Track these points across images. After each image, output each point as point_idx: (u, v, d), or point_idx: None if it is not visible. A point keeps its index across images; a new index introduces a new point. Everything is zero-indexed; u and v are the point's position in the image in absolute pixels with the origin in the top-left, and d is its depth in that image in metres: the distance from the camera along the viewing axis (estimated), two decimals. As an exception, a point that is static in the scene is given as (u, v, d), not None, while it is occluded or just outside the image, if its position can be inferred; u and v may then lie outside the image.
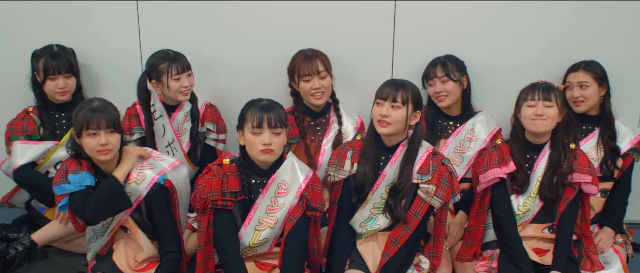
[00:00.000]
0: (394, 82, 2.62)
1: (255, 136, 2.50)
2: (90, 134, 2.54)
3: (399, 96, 2.56)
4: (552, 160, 2.73)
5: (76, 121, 2.57)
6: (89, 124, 2.53)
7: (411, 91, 2.59)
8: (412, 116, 2.60)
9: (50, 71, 3.14)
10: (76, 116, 2.58)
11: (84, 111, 2.56)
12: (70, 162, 2.63)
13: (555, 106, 2.68)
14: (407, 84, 2.61)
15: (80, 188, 2.59)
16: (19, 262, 3.06)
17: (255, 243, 2.61)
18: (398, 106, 2.56)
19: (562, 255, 2.72)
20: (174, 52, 3.08)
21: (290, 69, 3.09)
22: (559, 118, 2.70)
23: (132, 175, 2.65)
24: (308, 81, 3.02)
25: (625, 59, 3.19)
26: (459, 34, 3.22)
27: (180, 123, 3.19)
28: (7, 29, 3.39)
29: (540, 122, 2.69)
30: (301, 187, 2.59)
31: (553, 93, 2.69)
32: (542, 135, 2.75)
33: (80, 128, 2.55)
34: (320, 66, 3.02)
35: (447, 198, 2.62)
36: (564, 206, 2.73)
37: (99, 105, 2.59)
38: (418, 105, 2.61)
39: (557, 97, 2.69)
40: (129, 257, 2.72)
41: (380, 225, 2.70)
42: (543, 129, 2.71)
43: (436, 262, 2.74)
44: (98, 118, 2.54)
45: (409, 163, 2.62)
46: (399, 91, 2.57)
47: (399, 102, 2.56)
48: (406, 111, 2.57)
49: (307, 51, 3.08)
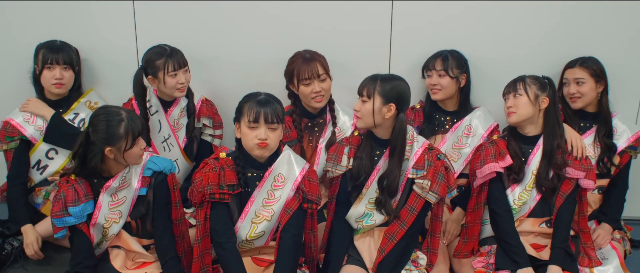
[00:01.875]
0: (370, 77, 2.63)
1: (251, 131, 2.50)
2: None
3: (364, 90, 2.60)
4: (545, 151, 2.74)
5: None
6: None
7: (381, 84, 2.58)
8: (382, 109, 2.58)
9: (48, 60, 3.12)
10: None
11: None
12: (66, 190, 2.55)
13: (525, 95, 2.70)
14: (379, 77, 2.60)
15: (82, 219, 2.57)
16: (15, 258, 3.05)
17: (252, 236, 2.60)
18: (364, 99, 2.60)
19: (559, 249, 2.72)
20: (170, 47, 3.07)
21: (288, 72, 3.05)
22: (535, 105, 2.70)
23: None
24: (308, 85, 2.99)
25: (623, 56, 3.20)
26: (456, 29, 3.22)
27: (176, 119, 3.18)
28: (6, 25, 3.37)
29: (511, 114, 2.74)
30: (297, 180, 2.59)
31: (522, 83, 2.72)
32: (525, 127, 2.76)
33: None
34: (320, 69, 2.99)
35: (442, 193, 2.61)
36: (562, 200, 2.74)
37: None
38: (390, 98, 2.57)
39: (527, 86, 2.71)
40: (126, 259, 2.70)
41: (376, 221, 2.70)
42: (514, 120, 2.74)
43: (433, 258, 2.75)
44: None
45: (395, 156, 2.61)
46: (366, 85, 2.60)
47: (365, 96, 2.59)
48: (372, 104, 2.57)
49: (305, 53, 3.04)
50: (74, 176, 2.58)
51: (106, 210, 2.62)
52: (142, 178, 2.63)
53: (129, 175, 2.62)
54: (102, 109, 2.57)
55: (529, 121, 2.75)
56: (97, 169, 2.56)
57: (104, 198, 2.61)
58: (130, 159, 2.56)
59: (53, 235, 3.07)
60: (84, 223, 2.58)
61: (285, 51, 3.10)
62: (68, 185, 2.57)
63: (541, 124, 2.76)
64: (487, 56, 3.24)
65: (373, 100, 2.58)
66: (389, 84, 2.58)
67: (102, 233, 2.65)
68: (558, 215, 2.75)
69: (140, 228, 2.71)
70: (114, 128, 2.48)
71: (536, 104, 2.70)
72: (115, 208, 2.63)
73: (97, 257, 2.68)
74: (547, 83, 2.74)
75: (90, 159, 2.52)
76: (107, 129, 2.48)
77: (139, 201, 2.65)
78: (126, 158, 2.54)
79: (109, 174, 2.61)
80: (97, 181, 2.61)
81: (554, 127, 2.74)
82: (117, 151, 2.51)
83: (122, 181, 2.61)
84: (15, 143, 3.16)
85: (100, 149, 2.50)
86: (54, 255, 3.13)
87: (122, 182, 2.61)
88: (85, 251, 2.61)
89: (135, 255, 2.71)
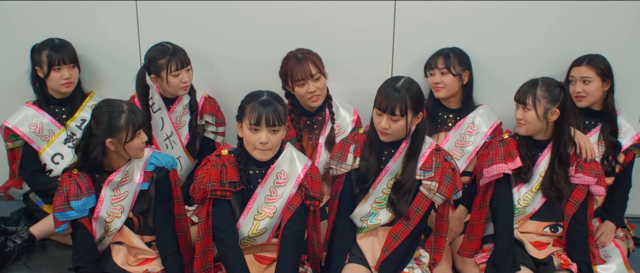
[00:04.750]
0: (392, 89, 2.52)
1: (252, 133, 2.49)
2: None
3: (397, 108, 2.50)
4: (552, 157, 2.72)
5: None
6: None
7: (410, 97, 2.51)
8: (412, 121, 2.58)
9: (55, 62, 3.12)
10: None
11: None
12: (68, 185, 2.55)
13: (534, 110, 2.65)
14: (403, 90, 2.52)
15: (84, 213, 2.57)
16: (17, 255, 3.04)
17: (254, 233, 2.60)
18: (397, 118, 2.53)
19: (582, 263, 2.71)
20: (173, 46, 3.07)
21: (283, 73, 3.03)
22: (544, 120, 2.66)
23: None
24: (302, 86, 2.97)
25: (628, 54, 3.18)
26: (460, 26, 3.21)
27: (178, 116, 3.18)
28: (6, 24, 3.37)
29: (520, 125, 2.72)
30: (300, 177, 2.58)
31: (532, 97, 2.64)
32: (535, 134, 2.73)
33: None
34: (312, 68, 2.96)
35: (449, 194, 2.61)
36: (574, 208, 2.71)
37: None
38: (418, 108, 2.56)
39: (536, 101, 2.64)
40: (128, 255, 2.70)
41: (381, 220, 2.69)
42: (523, 132, 2.72)
43: (438, 257, 2.74)
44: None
45: (412, 159, 2.61)
46: (396, 103, 2.49)
47: (398, 115, 2.52)
48: (406, 120, 2.54)
49: (297, 53, 3.01)
50: (76, 171, 2.59)
51: (108, 205, 2.62)
52: (145, 172, 2.64)
53: (131, 169, 2.63)
54: (104, 102, 2.59)
55: (539, 130, 2.72)
56: (98, 161, 2.56)
57: (107, 192, 2.61)
58: (131, 151, 2.56)
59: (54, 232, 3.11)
60: (85, 217, 2.58)
61: (288, 48, 3.08)
62: (70, 179, 2.57)
63: (551, 133, 2.73)
64: (491, 53, 3.22)
65: (406, 116, 2.53)
66: (414, 92, 2.55)
67: (104, 228, 2.65)
68: (573, 229, 2.72)
69: (142, 224, 2.71)
70: (115, 119, 2.50)
71: (545, 118, 2.66)
72: (117, 202, 2.63)
73: (99, 253, 2.68)
74: (559, 93, 2.65)
75: (92, 150, 2.54)
76: (108, 120, 2.50)
77: (141, 196, 2.66)
78: (127, 151, 2.55)
79: (111, 168, 2.62)
80: (99, 176, 2.62)
81: (564, 135, 2.69)
82: (118, 143, 2.52)
83: (124, 175, 2.61)
84: (20, 141, 3.18)
85: (102, 140, 2.51)
86: (57, 253, 3.13)
87: (124, 176, 2.61)
88: (87, 245, 2.61)
89: (138, 251, 2.71)
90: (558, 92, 2.65)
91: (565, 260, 2.70)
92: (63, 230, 2.59)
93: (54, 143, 3.20)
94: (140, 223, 2.71)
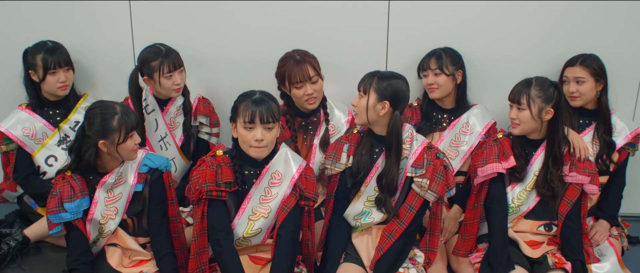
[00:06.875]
0: (370, 73, 2.64)
1: (247, 131, 2.49)
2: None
3: (362, 85, 2.62)
4: (546, 157, 2.73)
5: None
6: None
7: (376, 82, 2.58)
8: (376, 106, 2.57)
9: (51, 65, 3.10)
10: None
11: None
12: (62, 187, 2.55)
13: (528, 110, 2.65)
14: (376, 75, 2.60)
15: (78, 215, 2.57)
16: (12, 258, 3.04)
17: (249, 234, 2.60)
18: (361, 95, 2.62)
19: (577, 262, 2.71)
20: (166, 47, 3.06)
21: (280, 75, 3.02)
22: (538, 119, 2.67)
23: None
24: (300, 88, 2.97)
25: (621, 53, 3.19)
26: (454, 27, 3.21)
27: (172, 117, 3.18)
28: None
29: (515, 126, 2.72)
30: (294, 177, 2.58)
31: (526, 96, 2.65)
32: (529, 134, 2.74)
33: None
34: (311, 71, 2.96)
35: (441, 192, 2.61)
36: (568, 207, 2.72)
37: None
38: (384, 96, 2.56)
39: (531, 101, 2.64)
40: (123, 257, 2.70)
41: (374, 219, 2.69)
42: (518, 132, 2.72)
43: (432, 256, 2.74)
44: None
45: (392, 154, 2.60)
46: (364, 81, 2.62)
47: (361, 91, 2.61)
48: (367, 100, 2.58)
49: (295, 54, 3.01)
50: (69, 173, 2.59)
51: (102, 206, 2.61)
52: (138, 174, 2.64)
53: (124, 171, 2.62)
54: (97, 104, 2.58)
55: (533, 130, 2.73)
56: (91, 163, 2.56)
57: (100, 194, 2.61)
58: (124, 153, 2.56)
59: (49, 234, 3.10)
60: (79, 219, 2.57)
61: (282, 49, 3.08)
62: (64, 181, 2.57)
63: (545, 132, 2.73)
64: (485, 54, 3.23)
65: (368, 96, 2.58)
66: (385, 82, 2.57)
67: (99, 230, 2.64)
68: (567, 228, 2.73)
69: (137, 226, 2.71)
70: (108, 121, 2.49)
71: (539, 118, 2.67)
72: (111, 204, 2.62)
73: (93, 255, 2.67)
74: (553, 92, 2.65)
75: (85, 152, 2.53)
76: (101, 122, 2.50)
77: (135, 198, 2.65)
78: (120, 152, 2.54)
79: (104, 170, 2.62)
80: (92, 178, 2.62)
81: (558, 134, 2.69)
82: (111, 145, 2.52)
83: (118, 177, 2.61)
84: (14, 144, 3.17)
85: (94, 142, 2.51)
86: (51, 255, 3.12)
87: (118, 178, 2.61)
88: (81, 247, 2.60)
89: (132, 253, 2.70)
90: (552, 91, 2.66)
91: (559, 259, 2.71)
92: (57, 232, 2.58)
93: (48, 145, 3.19)
94: (135, 225, 2.70)
